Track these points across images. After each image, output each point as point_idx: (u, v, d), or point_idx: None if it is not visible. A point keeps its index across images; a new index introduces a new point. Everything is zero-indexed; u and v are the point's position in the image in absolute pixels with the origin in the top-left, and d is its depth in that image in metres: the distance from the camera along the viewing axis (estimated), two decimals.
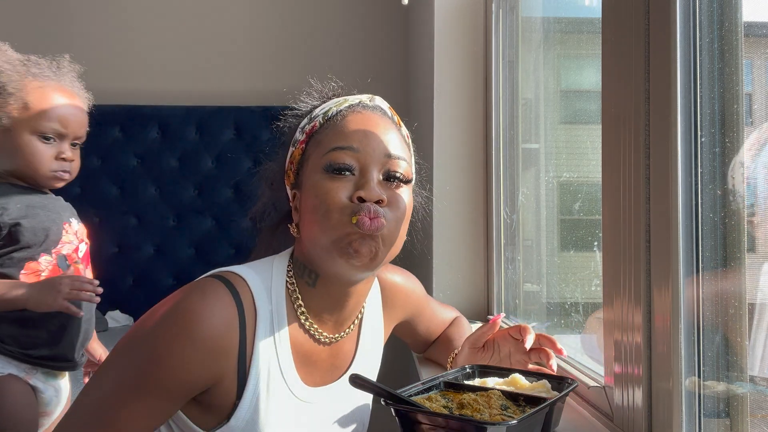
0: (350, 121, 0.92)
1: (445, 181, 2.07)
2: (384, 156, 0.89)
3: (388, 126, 0.94)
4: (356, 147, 0.88)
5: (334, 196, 0.85)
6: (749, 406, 0.82)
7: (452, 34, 2.09)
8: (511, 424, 0.87)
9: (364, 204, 0.85)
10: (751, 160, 0.82)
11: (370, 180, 0.87)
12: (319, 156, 0.90)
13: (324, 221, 0.85)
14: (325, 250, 0.87)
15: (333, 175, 0.87)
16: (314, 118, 0.95)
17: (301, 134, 0.95)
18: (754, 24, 0.84)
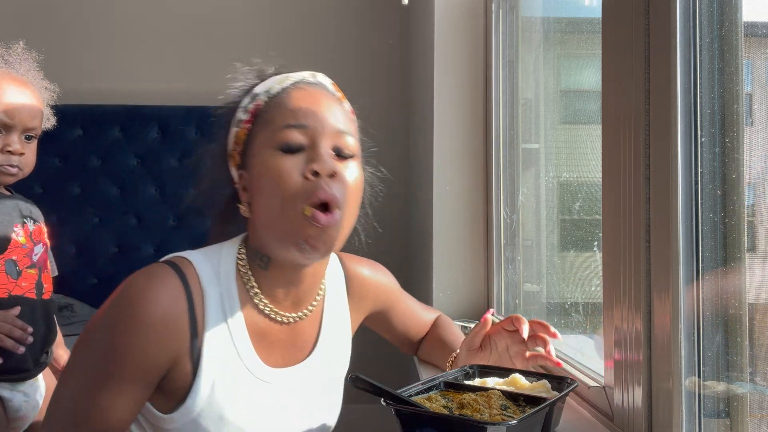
0: (296, 98, 0.91)
1: (445, 181, 2.07)
2: (333, 131, 0.90)
3: (333, 102, 0.95)
4: (307, 124, 0.88)
5: (288, 176, 0.85)
6: (749, 406, 0.82)
7: (452, 34, 2.09)
8: (511, 424, 0.87)
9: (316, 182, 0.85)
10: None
11: (322, 154, 0.87)
12: (268, 135, 0.89)
13: (278, 208, 0.85)
14: (279, 239, 0.87)
15: (285, 154, 0.87)
16: (257, 97, 0.95)
17: (245, 114, 0.94)
18: (754, 24, 0.84)
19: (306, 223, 0.84)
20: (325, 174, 0.86)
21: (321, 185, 0.85)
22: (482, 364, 1.05)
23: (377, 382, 0.95)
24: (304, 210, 0.84)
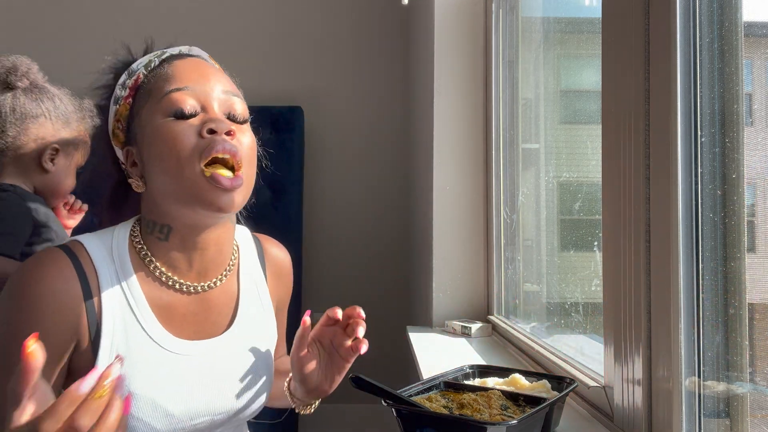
0: (177, 65, 0.90)
1: (445, 181, 2.07)
2: (222, 94, 0.89)
3: (215, 70, 0.94)
4: (192, 87, 0.87)
5: (183, 136, 0.84)
6: (749, 406, 0.82)
7: (452, 34, 2.09)
8: (511, 424, 0.87)
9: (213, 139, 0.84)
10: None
11: (215, 115, 0.86)
12: (154, 103, 0.88)
13: (176, 170, 0.84)
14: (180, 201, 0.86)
15: (177, 120, 0.85)
16: (135, 72, 0.93)
17: (123, 90, 0.93)
18: (754, 24, 0.84)
19: (208, 184, 0.83)
20: (221, 132, 0.85)
21: (218, 140, 0.84)
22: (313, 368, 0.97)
23: (377, 382, 0.95)
24: (204, 171, 0.83)
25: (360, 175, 3.29)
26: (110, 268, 0.88)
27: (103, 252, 0.89)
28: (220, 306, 0.96)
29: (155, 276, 0.91)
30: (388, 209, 3.28)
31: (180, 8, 3.29)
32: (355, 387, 0.95)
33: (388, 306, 3.23)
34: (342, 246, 3.28)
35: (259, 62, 3.28)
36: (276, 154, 1.10)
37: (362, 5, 3.30)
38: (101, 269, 0.87)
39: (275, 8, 3.31)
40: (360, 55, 3.30)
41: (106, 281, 0.87)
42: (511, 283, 1.94)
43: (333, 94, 3.29)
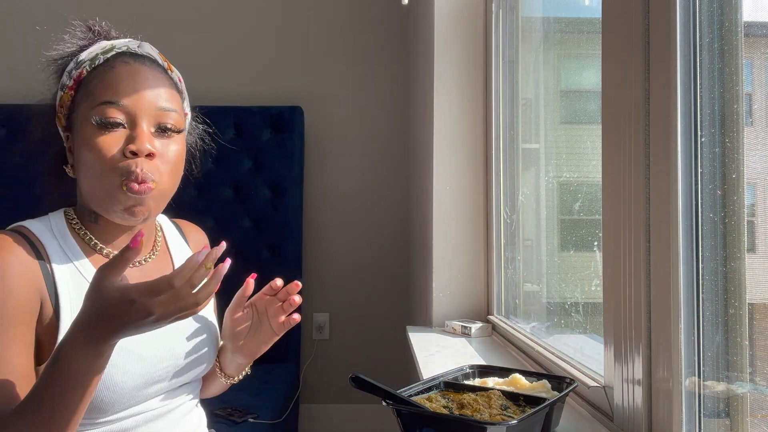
0: (118, 73, 0.94)
1: (445, 181, 2.07)
2: (155, 109, 0.94)
3: (158, 77, 0.97)
4: (125, 103, 0.92)
5: (106, 151, 0.91)
6: (749, 406, 0.82)
7: (452, 34, 2.09)
8: (511, 424, 0.87)
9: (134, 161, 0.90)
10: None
11: (140, 133, 0.92)
12: (88, 108, 0.93)
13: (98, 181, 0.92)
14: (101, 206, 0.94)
15: (103, 130, 0.91)
16: (81, 64, 0.97)
17: (69, 79, 0.97)
18: (754, 24, 0.84)
19: (123, 194, 0.91)
20: (142, 154, 0.91)
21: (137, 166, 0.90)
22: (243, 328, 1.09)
23: (377, 382, 0.95)
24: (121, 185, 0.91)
25: (360, 175, 3.29)
26: (54, 243, 0.95)
27: (45, 231, 0.96)
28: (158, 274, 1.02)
29: (96, 250, 0.99)
30: (388, 209, 3.28)
31: (181, 9, 3.28)
32: (355, 387, 0.95)
33: (388, 306, 3.23)
34: (342, 246, 3.28)
35: (259, 62, 3.28)
36: (276, 154, 1.15)
37: (362, 5, 3.30)
38: (48, 245, 0.94)
39: (275, 8, 3.31)
40: (360, 55, 3.30)
41: (54, 253, 0.94)
42: (511, 283, 1.94)
43: (333, 94, 3.29)
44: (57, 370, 0.78)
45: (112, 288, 0.77)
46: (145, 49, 1.01)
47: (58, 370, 0.78)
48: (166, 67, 1.02)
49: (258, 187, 3.08)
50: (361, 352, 3.23)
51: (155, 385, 0.98)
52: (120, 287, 0.77)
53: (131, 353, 0.93)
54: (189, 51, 3.21)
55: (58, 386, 0.78)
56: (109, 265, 0.78)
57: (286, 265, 3.06)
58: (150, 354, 0.96)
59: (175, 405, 1.03)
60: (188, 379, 1.05)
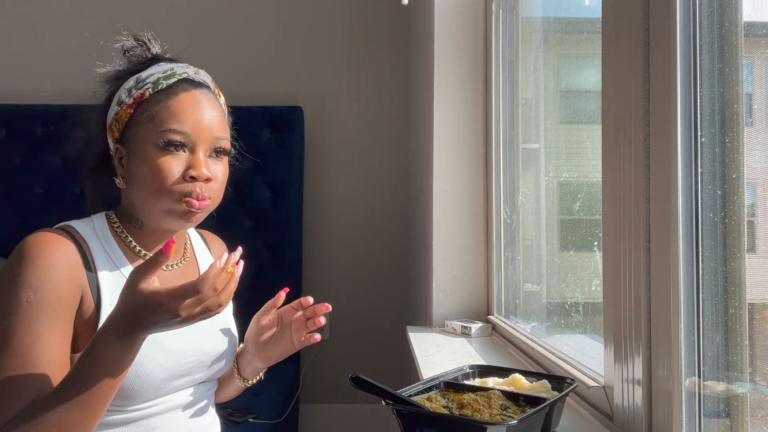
0: (181, 100, 1.03)
1: (445, 181, 2.07)
2: (212, 138, 1.04)
3: (214, 105, 1.07)
4: (189, 132, 1.01)
5: (168, 172, 0.99)
6: (749, 406, 0.82)
7: (452, 34, 2.09)
8: (511, 424, 0.87)
9: (194, 184, 1.00)
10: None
11: (199, 160, 1.01)
12: (151, 131, 1.01)
13: (158, 196, 0.99)
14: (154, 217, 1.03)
15: (166, 150, 1.00)
16: (142, 85, 1.05)
17: (128, 97, 1.05)
18: (754, 24, 0.84)
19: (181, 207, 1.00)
20: (201, 179, 1.00)
21: (196, 190, 1.00)
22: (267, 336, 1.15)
23: (377, 382, 0.95)
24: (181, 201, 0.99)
25: (360, 175, 3.29)
26: (97, 243, 1.03)
27: (89, 232, 1.04)
28: (188, 275, 1.12)
29: (135, 252, 1.07)
30: (388, 209, 3.28)
31: (181, 9, 3.29)
32: (355, 387, 0.95)
33: (388, 306, 3.23)
34: (342, 246, 3.28)
35: (260, 62, 3.28)
36: (276, 154, 1.19)
37: (362, 5, 3.30)
38: (92, 245, 1.02)
39: (275, 8, 3.31)
40: (360, 55, 3.30)
41: (97, 253, 1.02)
42: (511, 283, 1.94)
43: (333, 94, 3.29)
44: (91, 359, 0.85)
45: (144, 290, 0.84)
46: (201, 76, 1.09)
47: (92, 360, 0.85)
48: (217, 93, 1.12)
49: (258, 187, 3.08)
50: (361, 352, 3.23)
51: (180, 379, 1.04)
52: (151, 290, 0.84)
53: (161, 346, 1.00)
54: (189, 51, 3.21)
55: (91, 374, 0.85)
56: (142, 268, 0.85)
57: (286, 265, 3.06)
58: (178, 348, 1.03)
59: (193, 400, 1.09)
60: (208, 376, 1.11)
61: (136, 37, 1.12)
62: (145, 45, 1.12)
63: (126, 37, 1.11)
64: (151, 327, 0.85)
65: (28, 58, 3.27)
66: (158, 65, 1.08)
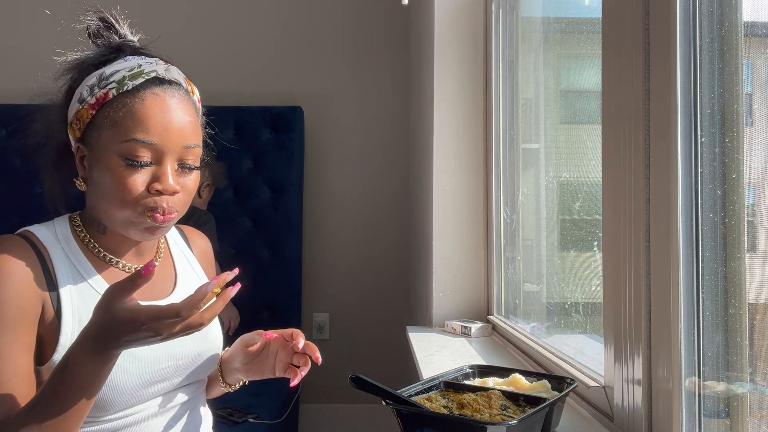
0: (148, 107, 0.94)
1: (445, 181, 2.07)
2: (181, 148, 0.95)
3: (186, 107, 0.98)
4: (155, 142, 0.93)
5: (132, 186, 0.93)
6: (749, 406, 0.82)
7: (452, 34, 2.09)
8: (511, 424, 0.87)
9: (161, 198, 0.94)
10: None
11: (166, 173, 0.94)
12: (115, 139, 0.93)
13: (121, 207, 0.94)
14: (120, 226, 0.97)
15: (129, 166, 0.93)
16: (105, 84, 0.96)
17: (90, 96, 0.96)
18: (754, 24, 0.84)
19: (145, 221, 0.95)
20: (167, 193, 0.94)
21: (162, 204, 0.94)
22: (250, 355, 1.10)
23: (377, 382, 0.95)
24: (145, 215, 0.94)
25: (360, 175, 3.29)
26: (58, 248, 0.98)
27: (50, 237, 0.99)
28: (162, 278, 1.09)
29: (99, 258, 1.02)
30: (388, 209, 3.28)
31: (181, 9, 3.28)
32: (355, 387, 0.95)
33: (388, 306, 3.23)
34: (342, 246, 3.28)
35: (259, 62, 3.28)
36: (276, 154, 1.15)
37: (362, 5, 3.30)
38: (51, 249, 0.97)
39: (275, 8, 3.31)
40: (360, 55, 3.30)
41: (58, 258, 0.97)
42: (511, 283, 1.94)
43: (333, 94, 3.29)
44: (65, 377, 0.82)
45: (123, 309, 0.81)
46: (172, 74, 1.00)
47: (67, 376, 0.82)
48: (190, 90, 1.02)
49: (258, 187, 3.08)
50: (361, 352, 3.23)
51: (156, 385, 1.00)
52: (130, 309, 0.81)
53: (130, 354, 0.95)
54: (189, 51, 3.21)
55: (65, 392, 0.82)
56: (120, 287, 0.82)
57: (286, 265, 3.06)
58: (149, 355, 0.98)
59: (175, 404, 1.05)
60: (189, 381, 1.07)
61: (102, 18, 1.03)
62: (112, 27, 1.03)
63: (90, 17, 1.02)
64: (129, 344, 0.82)
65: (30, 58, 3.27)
66: (125, 59, 0.99)
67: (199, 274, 1.16)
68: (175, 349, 1.01)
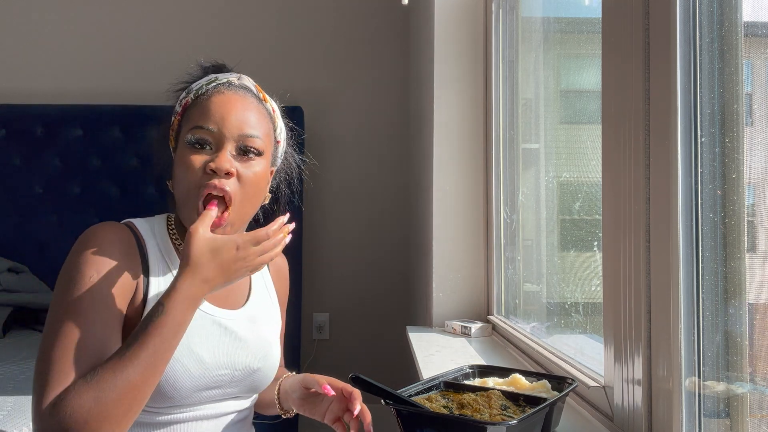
0: (213, 101, 1.05)
1: (445, 181, 2.07)
2: (238, 134, 1.03)
3: (249, 105, 1.07)
4: (213, 128, 1.03)
5: (191, 165, 1.02)
6: (749, 406, 0.82)
7: (452, 34, 2.09)
8: (511, 424, 0.87)
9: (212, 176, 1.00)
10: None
11: (221, 155, 1.02)
12: (186, 131, 1.05)
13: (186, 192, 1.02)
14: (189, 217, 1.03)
15: (193, 148, 1.03)
16: (188, 93, 1.10)
17: (179, 107, 1.10)
18: (754, 24, 0.84)
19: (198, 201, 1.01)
20: (221, 172, 1.00)
21: (213, 181, 1.00)
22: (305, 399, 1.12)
23: (377, 382, 0.95)
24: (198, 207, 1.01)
25: (360, 175, 3.29)
26: (153, 241, 1.07)
27: (148, 230, 1.08)
28: (237, 289, 1.14)
29: None
30: (388, 209, 3.28)
31: (181, 9, 3.29)
32: (355, 387, 0.95)
33: (388, 306, 3.23)
34: (342, 246, 3.28)
35: (260, 62, 3.28)
36: None
37: (362, 5, 3.30)
38: (147, 241, 1.06)
39: (276, 9, 3.31)
40: (360, 55, 3.30)
41: (152, 251, 1.06)
42: (511, 283, 1.94)
43: (333, 94, 3.29)
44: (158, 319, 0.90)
45: (219, 236, 0.94)
46: (244, 82, 1.12)
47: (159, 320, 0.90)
48: (261, 98, 1.13)
49: None
50: (361, 352, 3.23)
51: (211, 391, 1.04)
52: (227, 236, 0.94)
53: (196, 355, 1.01)
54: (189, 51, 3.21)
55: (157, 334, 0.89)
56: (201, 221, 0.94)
57: None
58: (212, 360, 1.03)
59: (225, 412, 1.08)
60: (241, 393, 1.10)
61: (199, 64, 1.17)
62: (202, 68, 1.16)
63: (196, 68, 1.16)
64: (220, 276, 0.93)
65: (28, 58, 3.27)
66: (208, 76, 1.12)
67: (270, 291, 1.21)
68: (234, 360, 1.06)
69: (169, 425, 1.02)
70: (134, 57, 3.23)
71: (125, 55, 3.24)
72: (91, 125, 3.07)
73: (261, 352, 1.10)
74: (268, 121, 1.11)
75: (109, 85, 3.21)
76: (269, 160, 1.10)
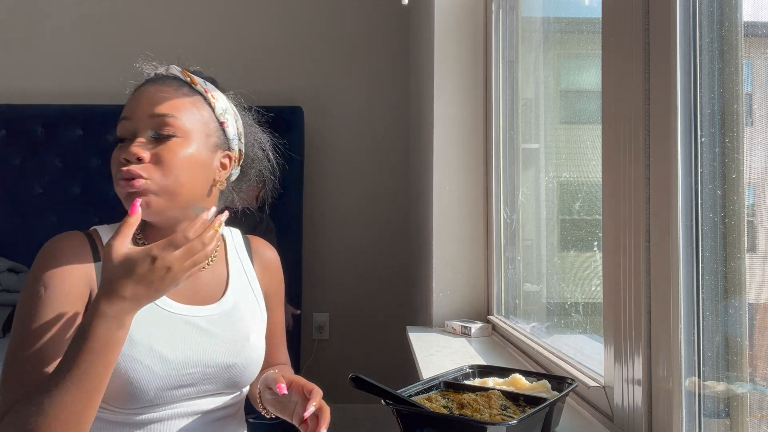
0: (137, 94, 1.06)
1: (445, 180, 2.07)
2: (148, 117, 1.02)
3: (165, 89, 1.05)
4: (128, 116, 1.03)
5: (113, 162, 1.02)
6: (749, 406, 0.82)
7: (452, 34, 2.09)
8: (511, 424, 0.87)
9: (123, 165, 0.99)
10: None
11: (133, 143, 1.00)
12: None
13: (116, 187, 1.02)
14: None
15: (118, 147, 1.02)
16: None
17: None
18: (754, 24, 0.84)
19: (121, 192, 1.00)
20: (131, 158, 0.99)
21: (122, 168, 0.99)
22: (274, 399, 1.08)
23: (377, 382, 0.95)
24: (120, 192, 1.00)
25: (360, 175, 3.29)
26: None
27: (109, 234, 1.05)
28: (211, 283, 1.11)
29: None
30: (388, 209, 3.28)
31: (181, 9, 3.28)
32: (355, 387, 0.95)
33: (388, 306, 3.23)
34: (342, 246, 3.28)
35: (260, 62, 3.28)
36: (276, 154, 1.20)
37: (362, 5, 3.30)
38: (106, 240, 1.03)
39: (276, 9, 3.31)
40: (360, 55, 3.30)
41: None
42: (511, 283, 1.94)
43: (333, 94, 3.29)
44: (82, 343, 0.86)
45: (134, 249, 0.87)
46: (170, 71, 1.10)
47: (83, 344, 0.86)
48: (189, 81, 1.09)
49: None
50: (361, 352, 3.23)
51: (182, 389, 1.02)
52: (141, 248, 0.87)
53: (157, 353, 0.99)
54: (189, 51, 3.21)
55: (83, 358, 0.85)
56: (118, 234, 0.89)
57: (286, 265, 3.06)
58: (176, 358, 1.00)
59: (204, 410, 1.06)
60: (221, 390, 1.07)
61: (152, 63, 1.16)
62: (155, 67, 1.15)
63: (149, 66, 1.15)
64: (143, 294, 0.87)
65: (28, 58, 3.27)
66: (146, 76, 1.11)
67: (253, 284, 1.17)
68: (205, 357, 1.04)
69: (147, 425, 1.01)
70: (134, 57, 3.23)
71: (125, 56, 3.24)
72: (91, 125, 3.07)
73: (236, 346, 1.07)
74: (200, 102, 1.08)
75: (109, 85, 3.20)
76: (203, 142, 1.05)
